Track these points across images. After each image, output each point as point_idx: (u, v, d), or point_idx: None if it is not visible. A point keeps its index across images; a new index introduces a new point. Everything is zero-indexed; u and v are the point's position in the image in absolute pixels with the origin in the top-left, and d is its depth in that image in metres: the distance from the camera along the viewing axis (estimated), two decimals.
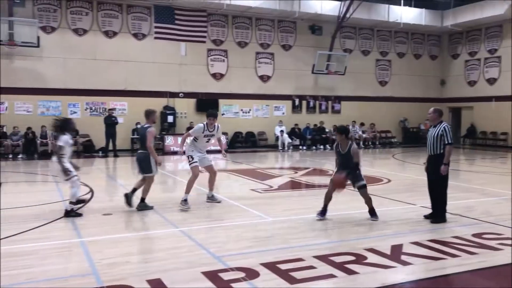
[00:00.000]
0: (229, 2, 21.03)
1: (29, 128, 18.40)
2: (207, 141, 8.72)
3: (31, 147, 18.22)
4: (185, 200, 8.23)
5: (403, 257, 5.47)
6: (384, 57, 26.55)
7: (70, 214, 7.48)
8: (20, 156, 17.78)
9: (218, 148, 9.95)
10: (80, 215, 7.60)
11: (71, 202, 7.59)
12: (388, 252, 5.65)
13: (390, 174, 13.41)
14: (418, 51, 27.40)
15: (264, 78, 23.69)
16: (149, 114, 8.13)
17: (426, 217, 7.39)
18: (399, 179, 12.51)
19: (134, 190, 8.18)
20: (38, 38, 18.18)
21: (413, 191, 10.17)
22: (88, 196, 9.48)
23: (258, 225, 7.15)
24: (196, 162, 8.46)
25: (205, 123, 8.49)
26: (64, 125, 7.92)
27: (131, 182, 10.46)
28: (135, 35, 20.91)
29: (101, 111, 20.23)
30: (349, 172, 7.21)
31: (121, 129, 19.53)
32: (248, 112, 23.54)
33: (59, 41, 19.48)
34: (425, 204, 7.86)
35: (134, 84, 20.71)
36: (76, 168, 7.92)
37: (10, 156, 17.56)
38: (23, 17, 18.25)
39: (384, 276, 4.92)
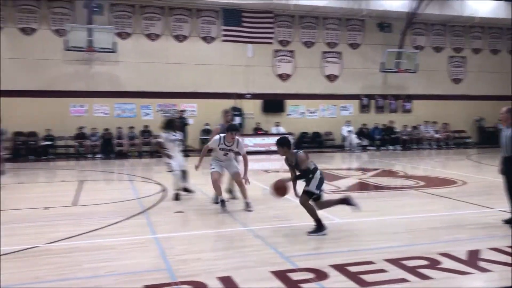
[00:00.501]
0: (296, 2, 21.03)
1: (106, 129, 19.50)
2: (225, 155, 8.24)
3: (108, 147, 19.29)
4: (222, 201, 8.01)
5: (481, 264, 5.19)
6: (458, 54, 25.30)
7: (176, 197, 9.02)
8: (98, 155, 18.89)
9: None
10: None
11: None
12: (464, 257, 5.39)
13: (465, 176, 12.75)
14: (495, 46, 25.82)
15: (331, 78, 23.43)
16: (223, 113, 8.87)
17: (506, 222, 6.95)
18: (475, 181, 11.86)
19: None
20: (115, 44, 19.20)
21: (491, 194, 9.60)
22: (161, 194, 9.85)
23: (327, 227, 7.08)
24: (215, 168, 8.18)
25: (222, 135, 8.12)
26: (167, 124, 9.29)
27: (201, 181, 10.81)
28: (204, 39, 21.50)
29: (172, 112, 20.99)
30: (297, 177, 6.65)
31: (192, 130, 20.15)
32: (315, 112, 23.39)
33: (134, 46, 20.48)
34: (504, 208, 7.40)
35: (203, 86, 21.30)
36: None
37: (90, 155, 18.70)
38: (101, 25, 19.37)
39: (461, 282, 4.70)
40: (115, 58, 19.90)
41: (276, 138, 7.05)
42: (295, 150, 6.71)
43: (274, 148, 8.54)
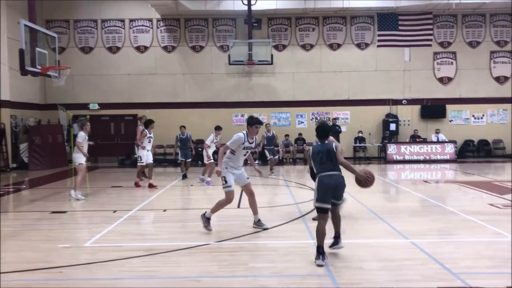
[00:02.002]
0: (458, 1, 19.54)
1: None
2: (245, 155, 7.34)
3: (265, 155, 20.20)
4: (208, 219, 7.20)
5: None
6: None
7: None
8: (257, 161, 19.95)
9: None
10: None
11: None
12: None
13: None
14: None
15: (501, 79, 21.17)
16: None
17: None
18: None
19: None
20: (272, 56, 20.16)
21: None
22: None
23: (500, 243, 6.42)
24: (231, 186, 7.13)
25: (245, 132, 7.12)
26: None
27: (354, 190, 10.68)
28: (358, 45, 21.28)
29: (325, 120, 21.19)
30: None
31: (344, 138, 20.07)
32: (481, 118, 21.34)
33: (289, 57, 21.24)
34: None
35: (356, 93, 21.08)
36: None
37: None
38: (260, 39, 20.53)
39: None
40: (271, 69, 20.89)
41: (436, 146, 6.53)
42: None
43: (434, 156, 8.03)
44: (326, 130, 6.18)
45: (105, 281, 5.11)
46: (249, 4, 19.99)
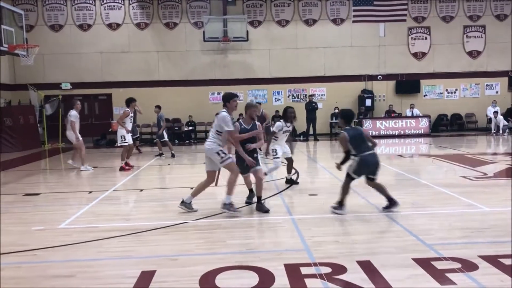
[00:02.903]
0: None
1: (240, 115, 20.40)
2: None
3: None
4: (231, 204, 6.85)
5: None
6: None
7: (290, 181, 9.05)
8: None
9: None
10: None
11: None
12: None
13: None
14: None
15: (474, 54, 21.47)
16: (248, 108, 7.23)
17: None
18: None
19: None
20: (247, 32, 19.91)
21: None
22: (294, 177, 10.06)
23: (472, 214, 6.59)
24: (230, 157, 6.89)
25: (225, 110, 6.77)
26: (282, 115, 9.17)
27: (331, 165, 10.77)
28: (334, 21, 21.21)
29: (302, 97, 21.20)
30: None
31: (321, 114, 20.15)
32: (454, 93, 21.70)
33: (265, 33, 21.04)
34: None
35: (332, 69, 21.10)
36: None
37: None
38: (234, 15, 20.23)
39: None
40: (247, 46, 20.67)
41: (411, 120, 6.87)
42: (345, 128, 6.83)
43: (409, 131, 8.23)
44: (352, 115, 7.23)
45: (81, 263, 5.04)
46: None
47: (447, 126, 21.59)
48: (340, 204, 6.77)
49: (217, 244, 5.53)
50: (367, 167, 6.64)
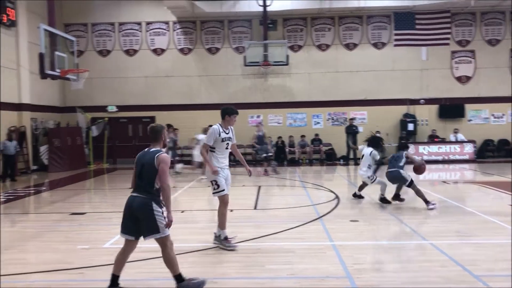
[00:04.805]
0: None
1: (279, 138, 20.52)
2: (227, 148, 6.70)
3: (281, 155, 20.23)
4: (226, 238, 6.47)
5: None
6: None
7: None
8: (272, 162, 19.93)
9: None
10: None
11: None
12: None
13: None
14: None
15: None
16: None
17: None
18: None
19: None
20: (287, 56, 20.13)
21: None
22: (335, 202, 9.96)
23: None
24: (224, 190, 6.47)
25: (219, 124, 6.66)
26: (372, 142, 9.92)
27: (371, 190, 10.61)
28: (375, 45, 21.13)
29: (342, 121, 21.08)
30: None
31: (361, 138, 19.89)
32: (501, 117, 20.97)
33: (305, 57, 21.18)
34: None
35: (373, 93, 20.91)
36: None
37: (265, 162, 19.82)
38: (275, 40, 20.53)
39: None
40: (287, 70, 20.85)
41: (455, 146, 6.84)
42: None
43: (453, 157, 8.38)
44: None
45: (124, 282, 5.14)
46: (264, 5, 20.02)
47: (494, 152, 20.82)
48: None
49: (255, 269, 5.52)
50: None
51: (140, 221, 4.67)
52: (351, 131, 19.41)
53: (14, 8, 17.43)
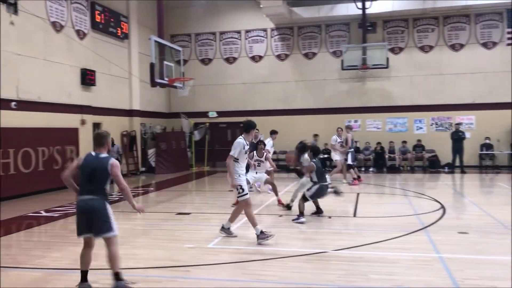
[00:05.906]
0: None
1: (378, 143, 19.89)
2: (246, 158, 7.52)
3: (380, 161, 19.60)
4: (262, 232, 7.06)
5: None
6: None
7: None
8: (371, 169, 19.41)
9: None
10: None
11: None
12: None
13: None
14: None
15: None
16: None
17: None
18: None
19: None
20: (387, 59, 19.48)
21: None
22: (440, 212, 9.42)
23: None
24: (247, 194, 7.22)
25: (242, 136, 7.33)
26: None
27: (481, 201, 9.86)
28: (484, 45, 19.66)
29: (446, 126, 19.90)
30: None
31: (468, 144, 18.63)
32: None
33: (406, 60, 20.35)
34: None
35: (483, 96, 19.45)
36: None
37: (363, 169, 19.37)
38: (374, 42, 19.99)
39: None
40: (387, 73, 20.18)
41: None
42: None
43: None
44: (318, 150, 9.53)
45: (227, 282, 5.33)
46: (363, 8, 19.61)
47: None
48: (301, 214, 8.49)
49: (359, 277, 5.40)
50: (322, 194, 8.81)
51: (94, 220, 4.92)
52: (457, 137, 18.23)
53: (127, 22, 18.97)
